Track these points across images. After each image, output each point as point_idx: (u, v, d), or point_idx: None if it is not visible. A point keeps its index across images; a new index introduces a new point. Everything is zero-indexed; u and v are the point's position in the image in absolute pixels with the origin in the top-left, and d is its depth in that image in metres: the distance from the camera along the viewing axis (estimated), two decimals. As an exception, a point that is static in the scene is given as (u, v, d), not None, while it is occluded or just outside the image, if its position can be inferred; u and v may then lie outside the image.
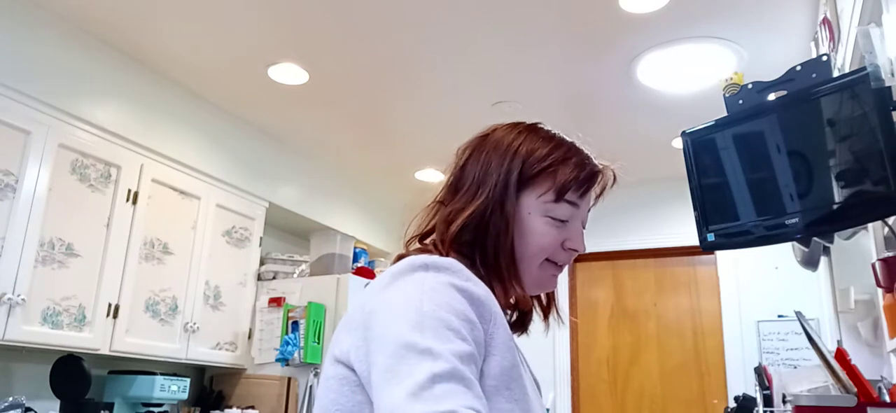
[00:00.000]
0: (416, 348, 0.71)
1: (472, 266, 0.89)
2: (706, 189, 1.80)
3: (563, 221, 0.94)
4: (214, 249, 3.52)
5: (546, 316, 1.05)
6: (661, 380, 4.35)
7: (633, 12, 2.65)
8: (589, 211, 1.00)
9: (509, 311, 1.03)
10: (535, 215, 0.93)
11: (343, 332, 0.85)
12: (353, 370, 0.81)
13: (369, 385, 0.77)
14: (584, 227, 0.99)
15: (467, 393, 0.69)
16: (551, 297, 1.05)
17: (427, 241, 0.96)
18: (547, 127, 0.99)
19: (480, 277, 0.88)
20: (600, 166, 0.98)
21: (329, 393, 0.83)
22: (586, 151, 0.98)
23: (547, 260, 0.95)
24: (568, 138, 0.98)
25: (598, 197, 1.01)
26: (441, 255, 0.89)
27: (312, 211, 4.25)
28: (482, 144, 0.98)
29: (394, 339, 0.74)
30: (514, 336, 1.01)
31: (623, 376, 4.46)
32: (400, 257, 0.92)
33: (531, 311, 1.04)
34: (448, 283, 0.80)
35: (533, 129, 0.98)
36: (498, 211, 0.91)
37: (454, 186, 0.98)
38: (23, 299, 2.57)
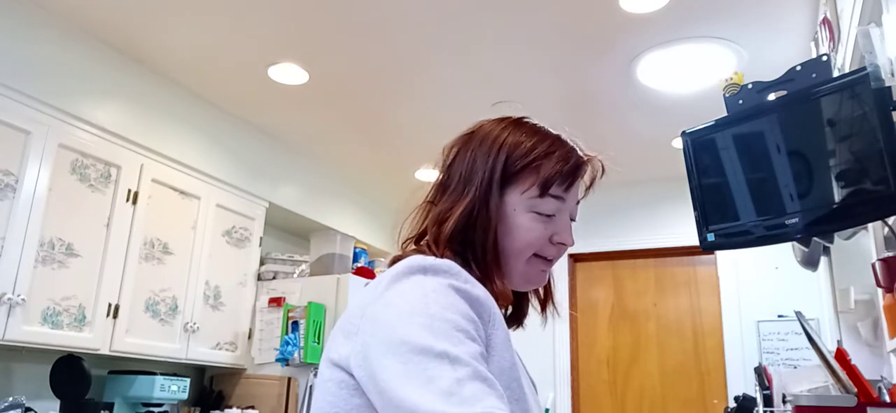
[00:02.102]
0: (433, 352, 0.72)
1: (465, 265, 0.89)
2: (706, 189, 1.80)
3: (549, 216, 0.94)
4: (214, 249, 3.52)
5: (543, 309, 1.05)
6: (661, 380, 4.35)
7: (633, 12, 2.65)
8: (578, 203, 0.99)
9: (505, 306, 1.02)
10: (521, 211, 0.93)
11: (340, 337, 0.84)
12: (351, 375, 0.81)
13: (376, 391, 0.76)
14: (573, 221, 0.98)
15: (493, 392, 0.70)
16: (548, 291, 1.05)
17: (422, 242, 0.96)
18: (533, 120, 0.99)
19: (475, 277, 0.88)
20: (586, 158, 0.97)
21: (327, 396, 0.83)
22: (572, 144, 0.97)
23: (535, 255, 0.95)
24: (553, 131, 0.98)
25: (587, 189, 1.00)
26: (436, 256, 0.89)
27: (312, 211, 4.25)
28: (468, 142, 0.98)
29: (405, 343, 0.74)
30: (511, 331, 1.02)
31: (623, 376, 4.46)
32: (396, 259, 0.91)
33: (527, 305, 1.04)
34: (448, 286, 0.80)
35: (518, 124, 0.98)
36: (483, 209, 0.92)
37: (443, 186, 0.98)
38: (23, 299, 2.57)
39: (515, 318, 1.04)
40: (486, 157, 0.94)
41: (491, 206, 0.92)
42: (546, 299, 1.05)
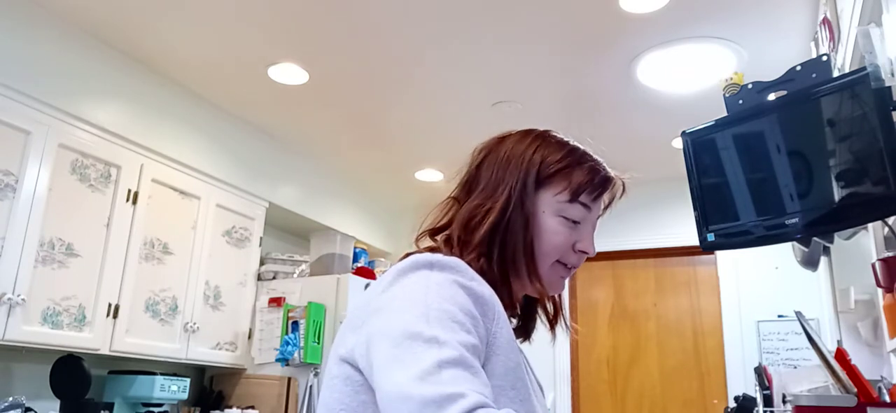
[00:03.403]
0: (422, 337, 0.73)
1: (488, 262, 0.91)
2: (706, 189, 1.80)
3: (575, 222, 0.96)
4: (214, 249, 3.52)
5: (553, 326, 1.06)
6: (661, 380, 4.35)
7: (633, 12, 2.65)
8: (598, 218, 1.02)
9: (513, 319, 1.03)
10: (549, 214, 0.95)
11: (347, 332, 0.86)
12: (357, 369, 0.82)
13: (372, 378, 0.77)
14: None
15: (474, 379, 0.70)
16: (557, 306, 1.06)
17: (439, 236, 0.98)
18: (559, 134, 1.02)
19: (494, 275, 0.90)
20: (613, 175, 1.01)
21: (333, 392, 0.84)
22: (599, 158, 1.00)
23: (558, 261, 0.96)
24: (581, 146, 1.01)
25: (606, 207, 1.03)
26: (450, 251, 0.91)
27: (312, 211, 4.25)
28: (498, 147, 1.00)
29: (399, 330, 0.75)
30: (518, 343, 1.02)
31: (623, 376, 4.46)
32: (407, 256, 0.93)
33: (535, 319, 1.05)
34: (452, 281, 0.82)
35: (546, 135, 1.01)
36: (518, 208, 0.93)
37: (468, 185, 1.00)
38: (23, 299, 2.57)
39: (523, 332, 1.05)
40: (520, 159, 0.97)
41: (526, 205, 0.94)
42: (556, 315, 1.06)
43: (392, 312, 0.79)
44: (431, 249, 0.95)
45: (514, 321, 1.04)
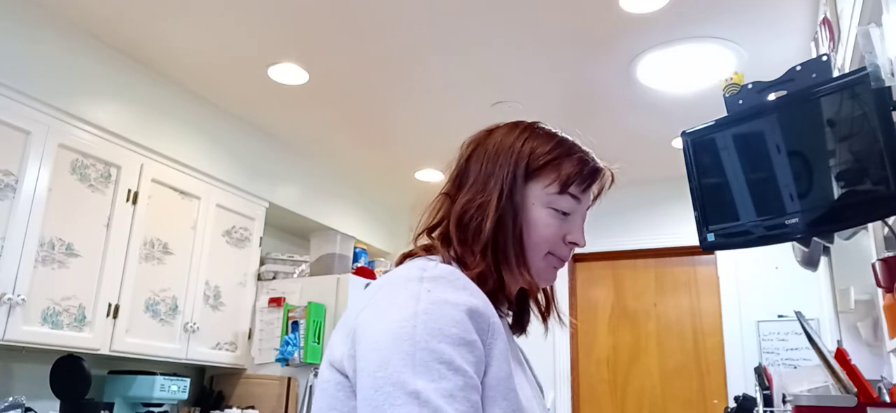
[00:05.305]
0: (405, 389, 0.72)
1: (484, 259, 0.91)
2: (706, 189, 1.80)
3: (565, 214, 0.96)
4: (214, 249, 3.52)
5: (545, 319, 1.05)
6: (661, 380, 4.35)
7: (633, 12, 2.65)
8: (588, 210, 1.01)
9: (509, 313, 1.03)
10: (539, 206, 0.95)
11: (338, 337, 0.86)
12: (347, 377, 0.82)
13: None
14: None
15: None
16: (550, 300, 1.06)
17: (435, 233, 0.97)
18: (548, 126, 1.01)
19: (491, 272, 0.90)
20: (602, 165, 1.00)
21: (325, 397, 0.84)
22: (587, 149, 1.00)
23: (549, 253, 0.96)
24: (569, 137, 1.00)
25: (595, 198, 1.02)
26: (447, 249, 0.92)
27: (312, 211, 4.25)
28: (487, 140, 1.00)
29: (384, 369, 0.75)
30: (515, 337, 1.02)
31: (623, 376, 4.46)
32: (404, 257, 0.94)
33: (529, 311, 1.05)
34: (444, 301, 0.80)
35: (535, 127, 1.00)
36: (509, 202, 0.93)
37: (458, 180, 0.99)
38: (23, 299, 2.57)
39: (518, 325, 1.04)
40: (509, 152, 0.96)
41: (516, 197, 0.94)
42: (548, 308, 1.05)
43: (378, 341, 0.78)
44: (428, 248, 0.95)
45: (510, 317, 1.04)
